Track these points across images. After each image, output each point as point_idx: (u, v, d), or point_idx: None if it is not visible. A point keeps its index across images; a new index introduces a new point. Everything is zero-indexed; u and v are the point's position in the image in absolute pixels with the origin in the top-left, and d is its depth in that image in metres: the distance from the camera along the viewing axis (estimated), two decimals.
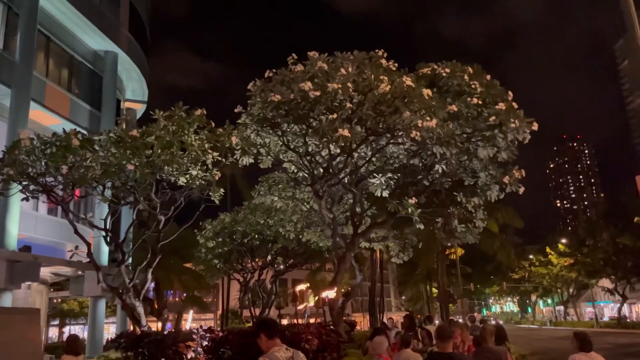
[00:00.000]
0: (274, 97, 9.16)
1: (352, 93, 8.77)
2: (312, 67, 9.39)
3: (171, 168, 9.22)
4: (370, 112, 8.59)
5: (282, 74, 9.63)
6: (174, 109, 9.20)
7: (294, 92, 9.10)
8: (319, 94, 8.70)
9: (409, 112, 8.80)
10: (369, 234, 12.80)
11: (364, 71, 9.20)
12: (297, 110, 9.23)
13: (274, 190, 16.40)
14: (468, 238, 14.59)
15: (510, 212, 28.10)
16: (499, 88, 10.97)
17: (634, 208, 34.18)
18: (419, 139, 8.81)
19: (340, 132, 8.26)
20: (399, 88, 8.66)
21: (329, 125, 8.47)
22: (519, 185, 12.11)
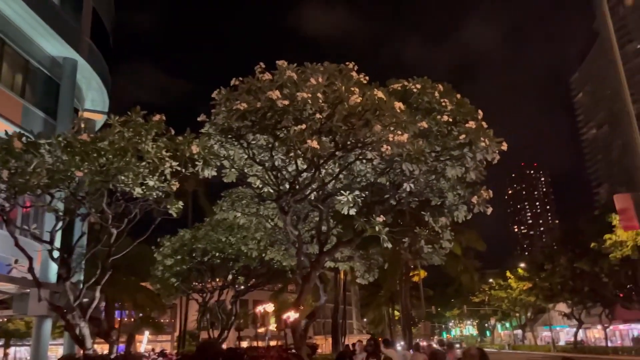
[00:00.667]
0: (240, 105, 8.69)
1: (322, 104, 8.41)
2: (280, 76, 8.99)
3: (126, 177, 8.59)
4: (341, 124, 8.23)
5: (249, 83, 9.19)
6: (130, 113, 8.59)
7: (261, 101, 8.67)
8: (287, 104, 8.29)
9: (380, 125, 8.49)
10: (335, 252, 12.36)
11: (335, 82, 8.86)
12: (263, 120, 8.79)
13: (238, 206, 15.78)
14: (434, 259, 14.36)
15: (474, 235, 28.23)
16: (469, 106, 10.85)
17: (590, 234, 35.00)
18: (389, 154, 8.48)
19: (309, 144, 7.85)
20: (371, 100, 8.36)
21: (298, 136, 8.06)
22: (487, 206, 11.97)
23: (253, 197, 15.63)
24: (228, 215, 15.79)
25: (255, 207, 15.72)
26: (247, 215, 16.04)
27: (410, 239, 13.52)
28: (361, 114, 8.51)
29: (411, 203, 14.05)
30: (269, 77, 9.05)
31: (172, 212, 9.92)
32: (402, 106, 8.56)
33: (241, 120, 9.03)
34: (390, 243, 11.62)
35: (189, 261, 20.55)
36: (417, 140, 10.17)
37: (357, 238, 12.06)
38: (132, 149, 8.07)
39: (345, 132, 8.41)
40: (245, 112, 8.84)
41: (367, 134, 8.60)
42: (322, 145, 8.10)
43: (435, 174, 12.58)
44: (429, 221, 13.16)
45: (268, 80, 9.05)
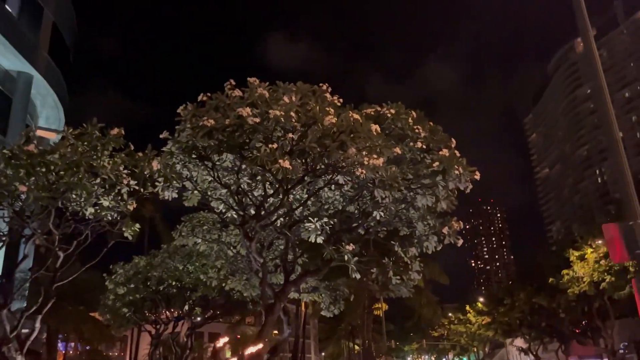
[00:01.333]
0: (207, 122, 8.15)
1: (294, 123, 7.97)
2: (251, 94, 8.54)
3: (77, 195, 7.84)
4: (315, 144, 7.80)
5: (217, 99, 8.68)
6: (85, 126, 7.89)
7: (230, 118, 8.16)
8: (258, 121, 7.82)
9: (354, 148, 8.11)
10: (301, 282, 11.75)
11: (308, 102, 8.48)
12: (232, 138, 8.26)
13: (198, 232, 14.98)
14: (402, 291, 13.92)
15: (437, 268, 28.07)
16: (443, 134, 10.66)
17: (548, 269, 35.44)
18: (363, 178, 8.08)
19: (281, 164, 7.36)
20: (346, 122, 7.99)
21: (268, 156, 7.56)
22: (458, 237, 11.70)
23: (215, 223, 14.94)
24: (187, 241, 14.95)
25: (217, 233, 15.00)
26: (208, 242, 15.28)
27: (379, 270, 13.10)
28: (336, 135, 8.12)
29: (380, 233, 13.70)
30: (239, 93, 8.58)
31: (127, 235, 9.15)
32: (378, 129, 8.24)
33: (207, 139, 8.47)
34: (359, 274, 11.15)
35: (142, 290, 19.40)
36: (390, 167, 9.86)
37: (325, 267, 11.52)
38: (85, 163, 7.35)
39: (319, 154, 7.97)
40: (212, 130, 8.29)
41: (341, 157, 8.19)
42: (294, 167, 7.62)
43: (405, 202, 12.30)
44: (398, 251, 12.78)
45: (238, 97, 8.58)
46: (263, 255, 11.45)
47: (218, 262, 15.92)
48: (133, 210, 9.18)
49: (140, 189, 8.74)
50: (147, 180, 8.57)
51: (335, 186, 12.88)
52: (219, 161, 11.14)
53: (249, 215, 10.37)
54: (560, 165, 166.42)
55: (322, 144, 7.97)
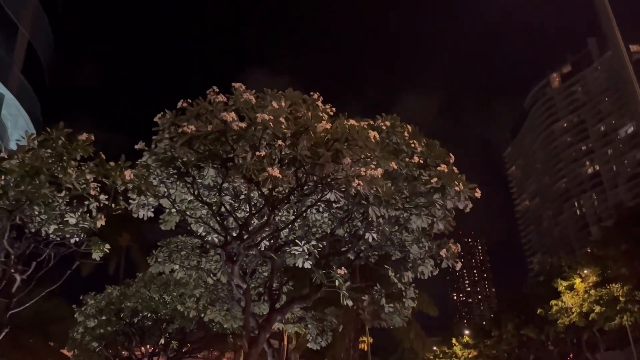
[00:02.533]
0: (187, 128, 7.36)
1: (284, 130, 7.24)
2: (236, 99, 7.80)
3: (38, 210, 6.92)
4: (307, 152, 7.05)
5: (199, 106, 7.91)
6: (50, 131, 7.03)
7: (213, 124, 7.38)
8: (244, 127, 7.06)
9: (349, 158, 7.38)
10: (288, 310, 10.79)
11: (299, 110, 7.78)
12: (214, 147, 7.45)
13: (176, 258, 13.92)
14: (395, 320, 13.01)
15: (425, 299, 27.17)
16: (440, 149, 10.02)
17: (536, 300, 34.84)
18: (358, 192, 7.32)
19: (270, 172, 6.58)
20: (341, 129, 7.29)
21: (255, 164, 6.77)
22: (456, 260, 10.96)
23: (194, 248, 13.96)
24: (164, 268, 13.84)
25: (197, 259, 13.98)
26: (187, 269, 14.22)
27: (370, 297, 12.25)
28: (330, 143, 7.40)
29: (371, 257, 12.92)
30: (223, 99, 7.84)
31: (95, 256, 8.19)
32: (376, 136, 7.53)
33: (187, 147, 7.66)
34: (351, 301, 10.28)
35: (115, 323, 18.08)
36: (386, 182, 9.15)
37: (314, 293, 10.61)
38: (47, 171, 6.46)
39: (312, 163, 7.21)
40: (193, 138, 7.50)
41: (335, 169, 7.44)
42: (284, 175, 6.83)
43: (398, 224, 11.60)
44: (392, 277, 11.96)
45: (222, 103, 7.82)
46: (246, 280, 10.50)
47: (197, 290, 14.79)
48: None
49: (111, 205, 7.82)
50: (118, 193, 7.66)
51: (325, 206, 12.13)
52: (200, 178, 10.33)
53: (231, 237, 9.48)
54: (539, 197, 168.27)
55: (315, 153, 7.23)
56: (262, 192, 8.22)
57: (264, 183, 6.70)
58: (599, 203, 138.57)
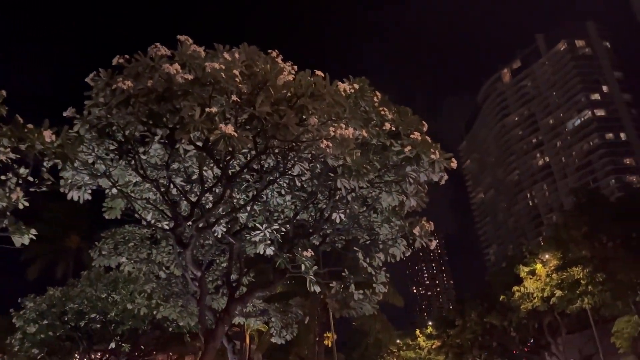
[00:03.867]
0: (123, 83, 6.18)
1: (239, 85, 6.18)
2: (182, 51, 6.67)
3: None
4: (268, 109, 6.01)
5: (139, 62, 6.71)
6: None
7: (155, 79, 6.23)
8: (191, 79, 5.97)
9: (316, 118, 6.40)
10: (249, 299, 9.70)
11: (256, 64, 6.72)
12: (156, 106, 6.29)
13: (123, 250, 12.57)
14: (365, 308, 12.14)
15: (391, 290, 26.56)
16: (413, 116, 9.15)
17: (499, 287, 34.95)
18: (330, 160, 6.34)
19: (223, 129, 5.51)
20: (305, 82, 6.29)
21: (205, 122, 5.69)
22: (430, 239, 10.17)
23: (144, 239, 12.67)
24: (109, 261, 12.47)
25: (147, 251, 12.68)
26: (135, 262, 12.86)
27: (340, 283, 11.34)
28: (293, 100, 6.39)
29: (337, 242, 12.00)
30: (166, 52, 6.68)
31: (17, 241, 6.87)
32: (347, 88, 6.57)
33: (124, 108, 6.46)
34: (318, 286, 9.34)
35: (59, 327, 16.50)
36: (356, 151, 8.23)
37: (278, 280, 9.57)
38: None
39: (273, 123, 6.17)
40: (131, 97, 6.32)
41: (301, 130, 6.43)
42: (241, 137, 5.77)
43: (367, 205, 10.74)
44: (361, 261, 11.07)
45: (165, 57, 6.67)
46: (201, 268, 9.36)
47: (148, 286, 13.40)
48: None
49: (33, 180, 6.55)
50: (41, 164, 6.40)
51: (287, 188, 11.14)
52: (145, 155, 9.13)
53: (182, 217, 8.32)
54: (494, 190, 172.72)
55: (276, 111, 6.20)
56: (216, 160, 7.13)
57: (216, 144, 5.62)
58: (550, 193, 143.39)
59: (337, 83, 6.41)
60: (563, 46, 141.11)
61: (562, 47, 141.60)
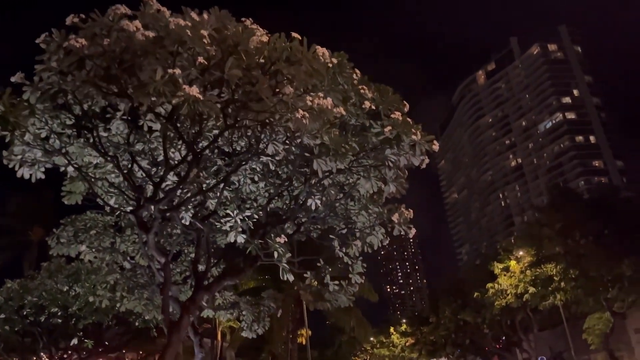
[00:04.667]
0: (75, 41, 5.52)
1: (207, 47, 5.59)
2: (145, 11, 6.03)
3: None
4: (238, 72, 5.43)
5: (97, 23, 6.04)
6: None
7: (112, 39, 5.59)
8: (152, 36, 5.35)
9: (291, 88, 5.86)
10: (217, 287, 9.07)
11: (228, 28, 6.13)
12: (113, 66, 5.63)
13: (85, 238, 11.75)
14: (340, 300, 11.63)
15: (366, 284, 26.18)
16: (394, 95, 8.66)
17: (473, 284, 34.99)
18: (307, 126, 5.80)
19: (187, 90, 4.93)
20: (280, 46, 5.73)
21: (167, 84, 5.09)
22: (410, 226, 9.74)
23: (107, 226, 11.91)
24: (69, 250, 11.64)
25: (110, 239, 11.90)
26: (98, 251, 12.07)
27: (315, 273, 10.83)
28: (267, 66, 5.83)
29: (313, 232, 11.50)
30: (127, 11, 6.03)
31: None
32: (326, 53, 6.04)
33: (78, 71, 5.80)
34: (292, 275, 8.82)
35: (18, 322, 15.55)
36: (333, 130, 7.73)
37: (248, 267, 8.99)
38: None
39: (244, 91, 5.61)
40: (85, 57, 5.66)
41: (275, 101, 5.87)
42: (208, 102, 5.18)
43: (344, 192, 10.26)
44: (337, 250, 10.60)
45: (126, 17, 6.02)
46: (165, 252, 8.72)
47: (110, 277, 12.63)
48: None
49: None
50: None
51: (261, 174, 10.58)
52: (105, 131, 8.46)
53: (144, 198, 7.66)
54: (467, 190, 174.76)
55: (248, 76, 5.63)
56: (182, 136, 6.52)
57: (179, 108, 5.03)
58: (522, 194, 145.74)
59: (315, 47, 5.86)
60: (536, 50, 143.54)
61: (535, 50, 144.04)
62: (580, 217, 25.41)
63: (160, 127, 6.97)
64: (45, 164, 8.17)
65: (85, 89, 5.68)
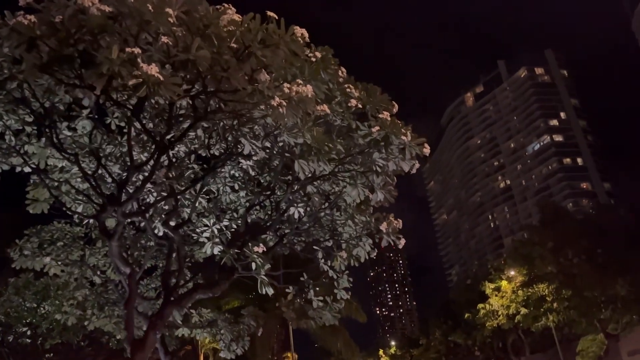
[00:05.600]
0: (24, 17, 4.90)
1: (173, 27, 4.99)
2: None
3: None
4: (207, 53, 4.82)
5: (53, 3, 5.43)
6: None
7: (65, 15, 4.97)
8: (110, 11, 4.75)
9: (266, 75, 5.27)
10: (188, 301, 8.28)
11: (198, 10, 5.55)
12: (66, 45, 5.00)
13: (51, 250, 10.91)
14: (325, 317, 10.87)
15: (354, 305, 25.36)
16: (382, 95, 8.09)
17: (463, 305, 34.26)
18: (284, 115, 5.18)
19: (147, 70, 4.31)
20: (255, 27, 5.15)
21: (125, 64, 4.46)
22: (399, 236, 9.08)
23: (76, 238, 11.14)
24: (33, 263, 10.80)
25: (79, 252, 11.11)
26: (66, 265, 11.23)
27: (297, 288, 10.13)
28: (240, 50, 5.23)
29: (296, 244, 10.83)
30: None
31: None
32: (305, 34, 5.46)
33: (29, 52, 5.15)
34: (272, 288, 8.11)
35: None
36: (317, 128, 7.14)
37: (223, 280, 8.25)
38: None
39: (213, 75, 5.00)
40: (36, 37, 5.03)
41: (249, 89, 5.26)
42: (170, 84, 4.56)
43: (329, 202, 9.67)
44: (321, 264, 9.94)
45: None
46: (129, 263, 7.96)
47: (79, 292, 11.77)
48: None
49: None
50: None
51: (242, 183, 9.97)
52: (70, 130, 7.82)
53: (106, 200, 6.96)
54: (456, 211, 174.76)
55: (217, 61, 5.03)
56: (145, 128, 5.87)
57: (138, 89, 4.40)
58: (511, 216, 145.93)
59: (293, 29, 5.28)
60: (523, 73, 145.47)
61: (522, 73, 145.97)
62: (572, 235, 24.96)
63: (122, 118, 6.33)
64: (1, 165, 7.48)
65: (35, 73, 5.03)
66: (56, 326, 13.07)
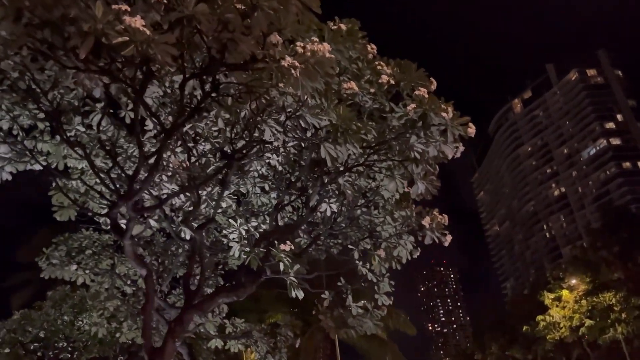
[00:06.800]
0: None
1: None
2: None
3: None
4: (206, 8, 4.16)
5: None
6: None
7: None
8: None
9: (277, 36, 4.57)
10: (211, 306, 7.57)
11: None
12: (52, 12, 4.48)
13: (80, 259, 10.57)
14: (366, 325, 9.94)
15: (403, 317, 24.11)
16: (419, 72, 7.22)
17: (520, 317, 32.19)
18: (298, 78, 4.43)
19: (129, 21, 3.68)
20: None
21: (111, 22, 3.86)
22: (445, 233, 8.12)
23: (105, 246, 10.79)
24: (62, 273, 10.47)
25: (108, 260, 10.72)
26: (96, 275, 10.85)
27: (334, 293, 9.30)
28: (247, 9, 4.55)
29: (333, 247, 10.04)
30: None
31: None
32: None
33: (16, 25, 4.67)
34: (302, 292, 7.34)
35: (24, 357, 14.39)
36: (342, 105, 6.36)
37: (249, 283, 7.53)
38: None
39: (215, 37, 4.33)
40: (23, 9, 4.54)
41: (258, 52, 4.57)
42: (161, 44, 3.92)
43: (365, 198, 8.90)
44: (359, 267, 9.10)
45: None
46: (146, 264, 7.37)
47: (110, 303, 11.37)
48: None
49: None
50: None
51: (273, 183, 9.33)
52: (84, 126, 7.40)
53: (118, 195, 6.40)
54: (509, 222, 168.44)
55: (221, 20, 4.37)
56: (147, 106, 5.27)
57: (122, 49, 3.78)
58: (567, 224, 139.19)
59: None
60: (574, 75, 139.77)
61: (573, 76, 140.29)
62: None
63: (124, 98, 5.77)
64: (13, 164, 7.09)
65: (21, 41, 4.53)
66: (92, 339, 12.75)
